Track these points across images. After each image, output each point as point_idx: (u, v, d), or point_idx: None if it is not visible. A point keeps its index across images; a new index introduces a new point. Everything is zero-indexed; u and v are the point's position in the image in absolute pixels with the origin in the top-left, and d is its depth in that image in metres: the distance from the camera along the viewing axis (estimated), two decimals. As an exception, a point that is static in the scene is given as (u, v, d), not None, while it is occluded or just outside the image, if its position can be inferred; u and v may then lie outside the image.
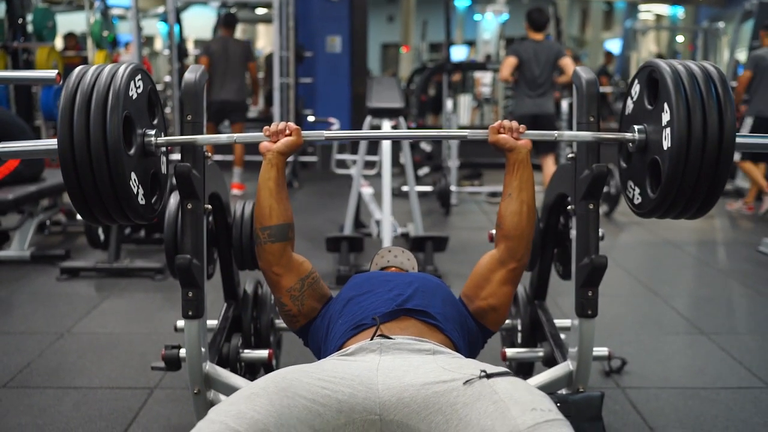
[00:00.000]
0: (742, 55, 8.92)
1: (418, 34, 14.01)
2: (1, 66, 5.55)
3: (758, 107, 5.97)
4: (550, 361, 2.26)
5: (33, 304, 3.66)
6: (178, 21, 7.68)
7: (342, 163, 6.75)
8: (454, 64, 7.66)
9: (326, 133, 1.85)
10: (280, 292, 1.85)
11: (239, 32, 17.32)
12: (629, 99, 1.79)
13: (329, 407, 1.34)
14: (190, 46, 13.42)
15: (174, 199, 2.17)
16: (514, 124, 1.83)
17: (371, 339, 1.61)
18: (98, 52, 7.66)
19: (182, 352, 2.11)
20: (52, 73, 1.97)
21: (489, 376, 1.36)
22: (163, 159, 1.85)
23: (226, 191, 2.26)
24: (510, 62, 5.65)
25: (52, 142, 1.61)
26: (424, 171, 7.49)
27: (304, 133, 1.82)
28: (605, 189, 5.38)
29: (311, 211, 6.01)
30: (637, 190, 1.76)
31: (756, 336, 3.27)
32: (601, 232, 1.95)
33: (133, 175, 1.62)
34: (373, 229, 4.72)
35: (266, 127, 1.81)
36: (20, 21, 5.72)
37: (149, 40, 14.24)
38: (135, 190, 1.62)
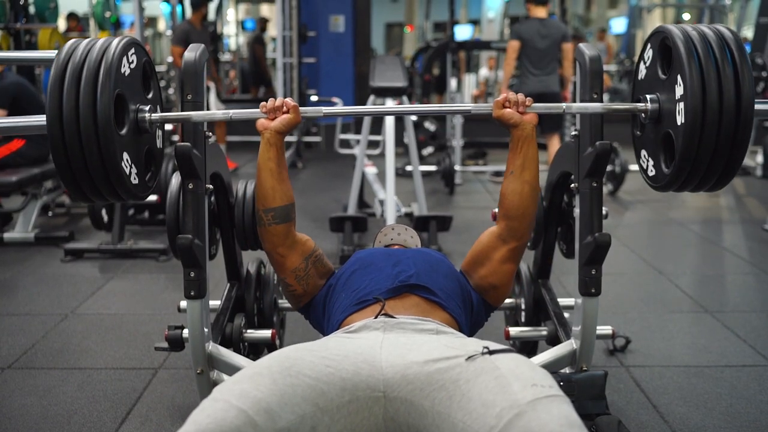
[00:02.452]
0: (748, 32, 8.84)
1: (422, 13, 13.91)
2: (4, 47, 5.53)
3: None
4: (553, 340, 2.25)
5: (37, 285, 3.67)
6: (181, 2, 7.64)
7: (346, 143, 6.73)
8: (458, 44, 7.61)
9: (324, 109, 1.81)
10: (284, 272, 1.84)
11: (242, 13, 17.27)
12: (642, 63, 1.74)
13: (333, 385, 1.34)
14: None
15: (175, 180, 2.16)
16: (520, 97, 1.78)
17: (375, 317, 1.61)
18: (101, 34, 7.64)
19: (185, 332, 2.11)
20: (52, 54, 1.95)
21: (491, 352, 1.36)
22: (159, 133, 1.82)
23: (228, 171, 2.25)
24: (513, 47, 5.61)
25: (41, 118, 1.59)
26: (428, 150, 7.46)
27: (302, 109, 1.78)
28: (609, 167, 5.37)
29: (315, 191, 6.00)
30: (651, 162, 1.73)
31: (761, 314, 3.26)
32: (605, 210, 1.94)
33: (125, 155, 1.59)
34: (377, 209, 4.71)
35: (263, 104, 1.78)
36: (22, 2, 5.69)
37: (152, 21, 14.19)
38: (127, 170, 1.60)
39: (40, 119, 1.61)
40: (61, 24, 8.51)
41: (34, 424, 2.23)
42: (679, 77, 1.53)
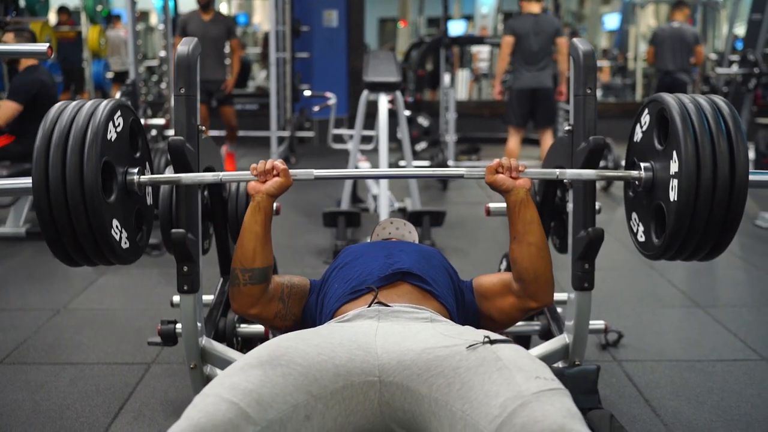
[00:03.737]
0: (740, 29, 8.86)
1: (416, 8, 13.90)
2: (-6, 41, 5.49)
3: None
4: (546, 335, 2.26)
5: (29, 280, 3.66)
6: (173, -5, 7.60)
7: (339, 138, 6.72)
8: (451, 39, 7.60)
9: (315, 172, 1.78)
10: (269, 322, 1.84)
11: (235, 7, 17.22)
12: (638, 126, 1.74)
13: (326, 372, 1.34)
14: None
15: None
16: (513, 162, 1.75)
17: (369, 306, 1.61)
18: (92, 27, 7.61)
19: (178, 327, 2.11)
20: (43, 47, 1.94)
21: (492, 342, 1.37)
22: (149, 190, 1.81)
23: (222, 165, 2.24)
24: (507, 42, 5.61)
25: (27, 181, 1.56)
26: (421, 146, 7.45)
27: (293, 172, 1.75)
28: (602, 163, 5.38)
29: (308, 186, 5.98)
30: (642, 228, 1.73)
31: (751, 309, 3.28)
32: (597, 205, 1.94)
33: (115, 222, 1.57)
34: (370, 204, 4.72)
35: (253, 166, 1.75)
36: (12, -5, 5.66)
37: (144, 15, 14.12)
38: (117, 237, 1.58)
39: (26, 182, 1.58)
40: (52, 18, 8.47)
41: (26, 419, 2.23)
42: (674, 153, 1.53)
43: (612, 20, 14.62)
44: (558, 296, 2.42)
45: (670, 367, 2.62)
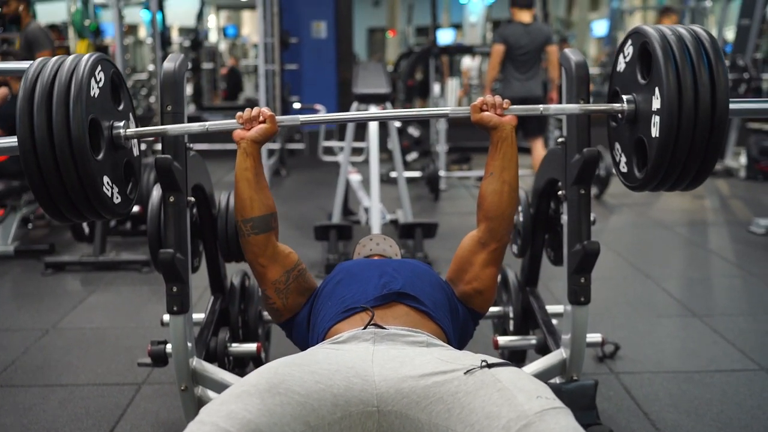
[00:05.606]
0: (729, 34, 8.90)
1: (404, 18, 13.94)
2: (-20, 57, 5.45)
3: None
4: (543, 349, 2.23)
5: (17, 299, 3.61)
6: (161, 9, 7.59)
7: (329, 150, 6.70)
8: (440, 48, 7.60)
9: (301, 118, 1.79)
10: (265, 284, 1.82)
11: (223, 20, 17.22)
12: (621, 55, 1.71)
13: (324, 401, 1.31)
14: (174, 34, 13.30)
15: (156, 192, 2.12)
16: (498, 99, 1.77)
17: (364, 328, 1.58)
18: (80, 42, 7.57)
19: (168, 347, 2.07)
20: (26, 65, 1.91)
21: (490, 365, 1.34)
22: (135, 142, 1.77)
23: (210, 182, 2.21)
24: (497, 51, 5.60)
25: (12, 140, 1.52)
26: (412, 156, 7.44)
27: (279, 118, 1.77)
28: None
29: (299, 199, 5.96)
30: (624, 159, 1.72)
31: (749, 317, 3.26)
32: (592, 216, 1.92)
33: (106, 179, 1.55)
34: (362, 217, 4.68)
35: (239, 114, 1.76)
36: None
37: (132, 29, 14.10)
38: (108, 193, 1.56)
39: (11, 140, 1.54)
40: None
41: (14, 444, 2.19)
42: (656, 90, 1.52)
43: (600, 27, 14.69)
44: (553, 309, 2.40)
45: (668, 378, 2.59)
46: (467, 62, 12.40)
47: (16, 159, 4.25)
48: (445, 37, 14.61)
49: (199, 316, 2.29)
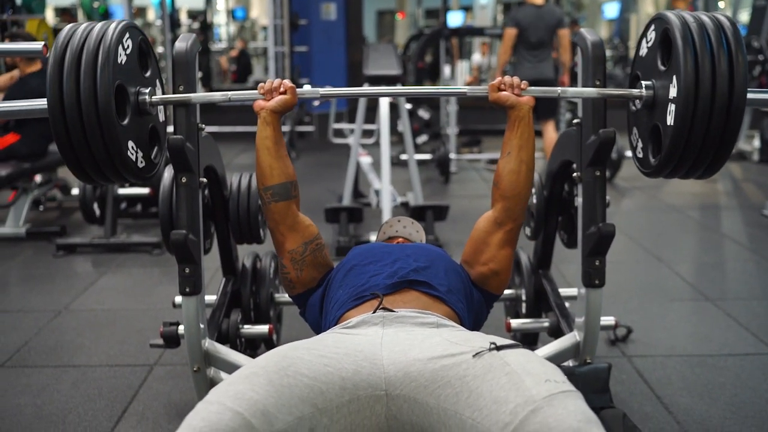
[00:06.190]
0: (744, 16, 8.80)
1: (414, 0, 13.84)
2: (-9, 39, 5.45)
3: None
4: (555, 332, 2.22)
5: (29, 281, 3.62)
6: (170, -10, 7.55)
7: (339, 133, 6.68)
8: (450, 30, 7.55)
9: (321, 91, 1.82)
10: (282, 252, 1.83)
11: (232, 2, 17.14)
12: (644, 40, 1.70)
13: (332, 384, 1.31)
14: (183, 17, 13.27)
15: (168, 173, 2.11)
16: (515, 80, 1.77)
17: (374, 312, 1.57)
18: (89, 24, 7.53)
19: (181, 328, 2.07)
20: (38, 45, 1.91)
21: (499, 348, 1.33)
22: (161, 108, 1.80)
23: (222, 164, 2.20)
24: (509, 35, 5.56)
25: (42, 103, 1.57)
26: (422, 139, 7.41)
27: (299, 90, 1.80)
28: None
29: (309, 182, 5.94)
30: (640, 144, 1.72)
31: (762, 301, 3.23)
32: (607, 198, 1.90)
33: (131, 144, 1.59)
34: (373, 199, 4.67)
35: (261, 84, 1.78)
36: (9, -7, 5.61)
37: (141, 11, 14.08)
38: (133, 157, 1.60)
39: (42, 103, 1.58)
40: (49, 15, 8.42)
41: (28, 424, 2.19)
42: (674, 78, 1.50)
43: (612, 9, 14.56)
44: (566, 292, 2.39)
45: (680, 362, 2.57)
46: (477, 58, 12.34)
47: (27, 141, 4.26)
48: (455, 19, 14.52)
49: (210, 297, 2.29)
